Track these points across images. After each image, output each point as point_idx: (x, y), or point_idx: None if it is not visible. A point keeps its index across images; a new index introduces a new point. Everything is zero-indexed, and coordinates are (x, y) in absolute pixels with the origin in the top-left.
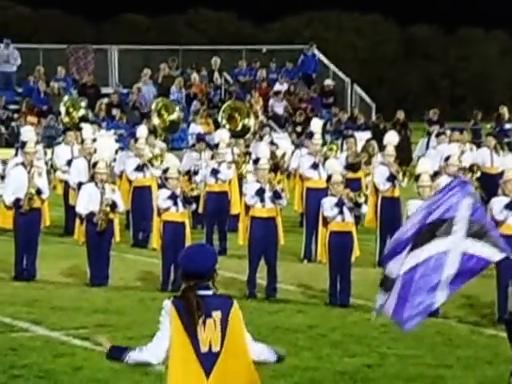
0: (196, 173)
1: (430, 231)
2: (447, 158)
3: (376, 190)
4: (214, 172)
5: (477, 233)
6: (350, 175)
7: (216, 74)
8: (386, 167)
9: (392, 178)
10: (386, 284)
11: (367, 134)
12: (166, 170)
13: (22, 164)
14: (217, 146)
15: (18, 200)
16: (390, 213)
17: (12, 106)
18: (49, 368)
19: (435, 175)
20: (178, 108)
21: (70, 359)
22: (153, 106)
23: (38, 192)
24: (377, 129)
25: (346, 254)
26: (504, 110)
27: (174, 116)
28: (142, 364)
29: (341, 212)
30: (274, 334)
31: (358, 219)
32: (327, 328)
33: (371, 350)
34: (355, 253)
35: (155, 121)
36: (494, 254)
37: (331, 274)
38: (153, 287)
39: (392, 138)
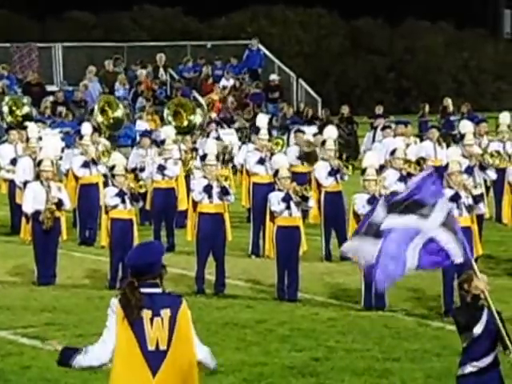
0: (142, 169)
1: (410, 206)
2: (393, 152)
3: (318, 186)
4: (161, 168)
5: (451, 227)
6: (299, 169)
7: (161, 71)
8: (326, 162)
9: (334, 173)
10: (367, 230)
11: (314, 129)
12: (112, 168)
13: None
14: (163, 142)
15: None
16: (334, 207)
17: None
18: None
19: (381, 169)
20: (121, 105)
21: (18, 358)
22: (95, 104)
23: None
24: (322, 123)
25: (294, 249)
26: (449, 102)
27: (117, 113)
28: (88, 368)
29: (288, 207)
30: (223, 330)
31: (306, 213)
32: (275, 323)
33: (319, 344)
34: (303, 247)
35: (98, 118)
36: (457, 256)
37: (279, 269)
38: (101, 285)
39: (331, 132)
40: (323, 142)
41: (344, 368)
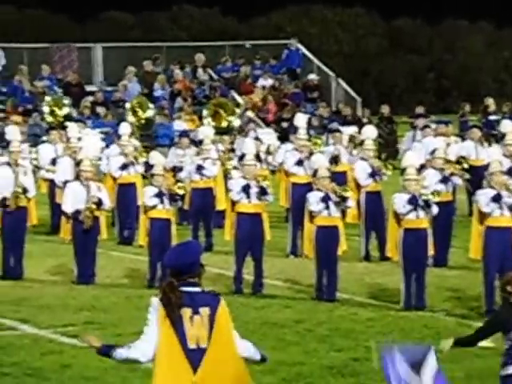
0: (180, 169)
1: None
2: (433, 152)
3: (358, 186)
4: (199, 168)
5: None
6: (336, 169)
7: (200, 71)
8: (366, 162)
9: (373, 173)
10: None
11: (353, 129)
12: (151, 168)
13: (8, 163)
14: (201, 142)
15: (4, 199)
16: (373, 207)
17: None
18: (37, 366)
19: (421, 169)
20: (151, 105)
21: (58, 357)
22: (127, 105)
23: (24, 191)
24: (362, 123)
25: (333, 249)
26: (490, 102)
27: (148, 113)
28: (131, 361)
29: (327, 207)
30: (261, 330)
31: (345, 213)
32: (314, 323)
33: (358, 344)
34: (342, 247)
35: (130, 118)
36: None
37: (318, 269)
38: (139, 284)
39: (370, 132)
40: (362, 142)
41: None
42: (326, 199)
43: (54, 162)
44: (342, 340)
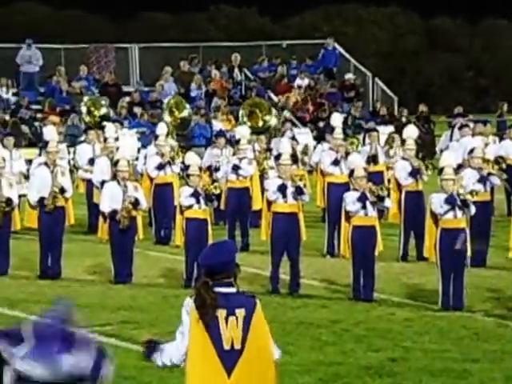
0: (217, 169)
1: None
2: (471, 151)
3: (398, 185)
4: (236, 168)
5: None
6: (372, 169)
7: (236, 71)
8: (407, 162)
9: (414, 172)
10: None
11: (390, 128)
12: (187, 168)
13: (46, 163)
14: (238, 142)
15: (42, 199)
16: (414, 207)
17: (35, 106)
18: None
19: (458, 168)
20: (188, 105)
21: None
22: (164, 104)
23: (62, 191)
24: (399, 122)
25: (370, 249)
26: None
27: (184, 113)
28: (171, 366)
29: (363, 207)
30: (297, 330)
31: (382, 213)
32: (351, 323)
33: (396, 345)
34: (379, 247)
35: (167, 118)
36: None
37: (354, 269)
38: (176, 284)
39: (411, 131)
40: (403, 142)
41: (421, 369)
42: (362, 199)
43: (91, 162)
44: (380, 340)
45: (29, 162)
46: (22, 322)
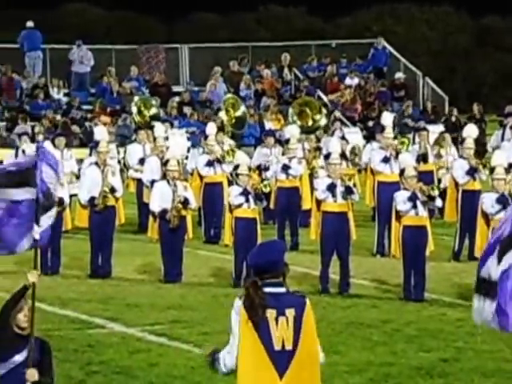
0: (267, 169)
1: None
2: None
3: (456, 184)
4: (285, 168)
5: None
6: (422, 168)
7: (286, 70)
8: (465, 160)
9: (472, 171)
10: (484, 288)
11: (440, 127)
12: (236, 167)
13: (96, 163)
14: (287, 141)
15: (92, 199)
16: (471, 206)
17: (86, 107)
18: (125, 364)
19: (510, 168)
20: (243, 104)
21: (145, 355)
22: (222, 104)
23: (112, 190)
24: (449, 122)
25: (421, 249)
26: None
27: (239, 112)
28: (231, 371)
29: (414, 206)
30: (347, 330)
31: (432, 213)
32: (402, 323)
33: (447, 345)
34: (430, 247)
35: (224, 117)
36: None
37: (405, 269)
38: (226, 283)
39: (472, 130)
40: (454, 141)
41: (473, 369)
42: (413, 198)
43: (142, 161)
44: (431, 340)
45: (80, 161)
46: (73, 321)
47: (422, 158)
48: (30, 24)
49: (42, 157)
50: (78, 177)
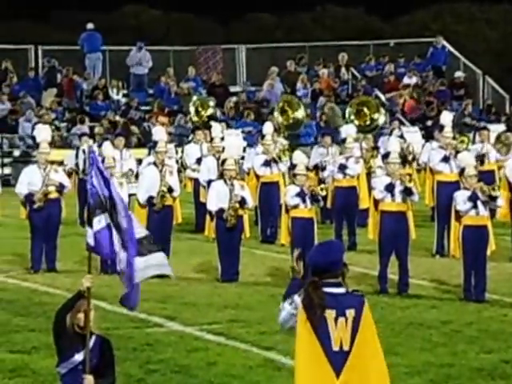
0: (323, 168)
1: None
2: None
3: (509, 184)
4: (342, 167)
5: None
6: (483, 167)
7: (343, 70)
8: None
9: None
10: None
11: (501, 127)
12: (293, 167)
13: (154, 163)
14: (344, 140)
15: (150, 198)
16: None
17: (144, 107)
18: (184, 363)
19: None
20: (302, 106)
21: (204, 354)
22: (276, 104)
23: (170, 190)
24: (511, 121)
25: (481, 249)
26: None
27: (298, 114)
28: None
29: (474, 206)
30: (406, 330)
31: (494, 212)
32: (462, 323)
33: (509, 346)
34: (491, 247)
35: (278, 118)
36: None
37: (465, 269)
38: (282, 283)
39: None
40: None
41: None
42: (473, 198)
43: (199, 161)
44: (492, 342)
45: (138, 161)
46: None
47: (482, 157)
48: (90, 26)
49: (92, 162)
50: (136, 176)
